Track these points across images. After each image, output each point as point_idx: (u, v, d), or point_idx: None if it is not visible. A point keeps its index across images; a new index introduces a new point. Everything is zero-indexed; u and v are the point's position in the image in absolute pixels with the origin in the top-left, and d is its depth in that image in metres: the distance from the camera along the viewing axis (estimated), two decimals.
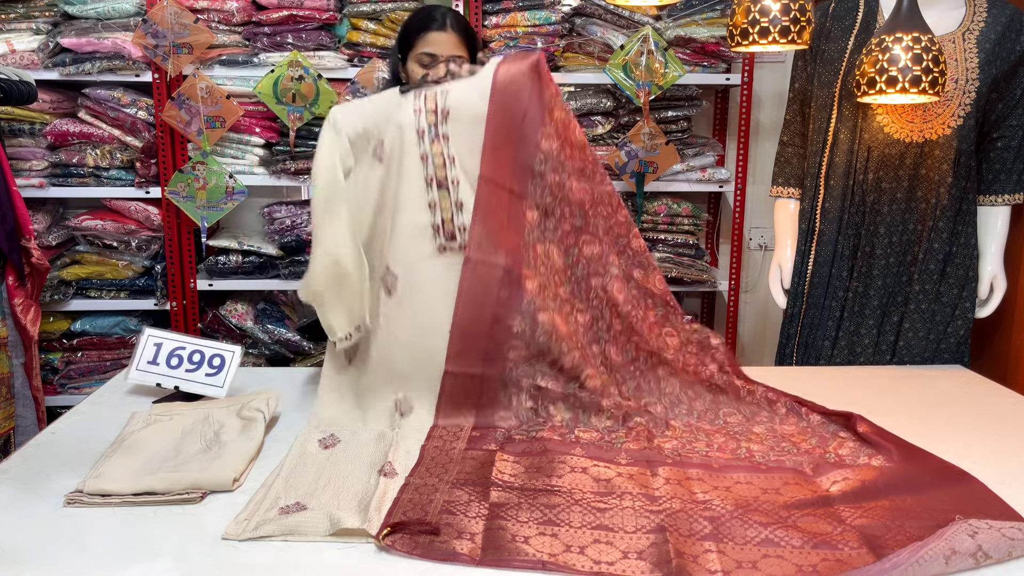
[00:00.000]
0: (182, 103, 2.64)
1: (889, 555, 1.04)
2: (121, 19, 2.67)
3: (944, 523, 1.10)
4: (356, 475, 1.30)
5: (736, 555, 1.09)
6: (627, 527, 1.15)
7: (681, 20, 2.71)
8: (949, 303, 2.05)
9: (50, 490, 1.26)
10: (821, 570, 1.05)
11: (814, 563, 1.06)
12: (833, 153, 2.09)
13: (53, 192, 2.74)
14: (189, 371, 1.63)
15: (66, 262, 2.81)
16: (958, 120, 1.96)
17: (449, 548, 1.09)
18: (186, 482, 1.24)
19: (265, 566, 1.06)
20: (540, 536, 1.12)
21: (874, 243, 2.06)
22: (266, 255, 2.81)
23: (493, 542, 1.10)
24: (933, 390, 1.80)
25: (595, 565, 1.06)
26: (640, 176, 2.75)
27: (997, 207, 2.07)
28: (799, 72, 2.20)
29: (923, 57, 1.73)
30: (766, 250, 3.19)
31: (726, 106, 3.05)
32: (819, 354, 2.15)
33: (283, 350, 2.86)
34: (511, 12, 2.70)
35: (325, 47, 2.71)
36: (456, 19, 1.81)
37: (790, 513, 1.19)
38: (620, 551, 1.09)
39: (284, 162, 2.73)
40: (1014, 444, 1.48)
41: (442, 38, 1.78)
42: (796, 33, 1.71)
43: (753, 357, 3.31)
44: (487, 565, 1.06)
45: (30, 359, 2.49)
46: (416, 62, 1.79)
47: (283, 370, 2.25)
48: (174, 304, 2.83)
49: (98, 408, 1.62)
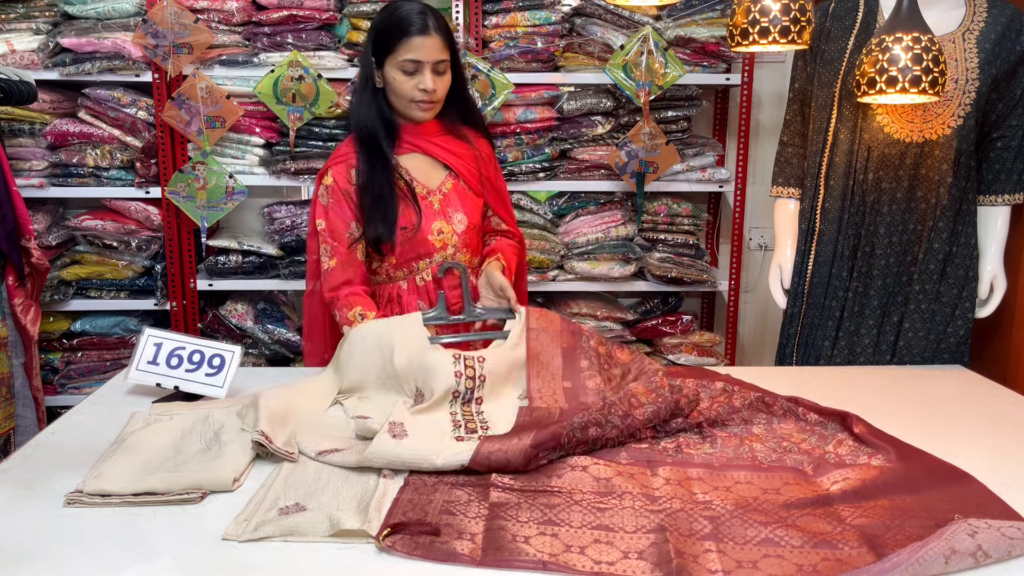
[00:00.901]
0: (182, 103, 2.64)
1: (889, 555, 1.04)
2: (121, 19, 2.67)
3: (944, 523, 1.10)
4: (356, 476, 1.30)
5: (736, 555, 1.08)
6: (627, 527, 1.15)
7: (681, 20, 2.71)
8: (949, 303, 2.05)
9: (50, 490, 1.26)
10: (821, 569, 1.05)
11: (814, 563, 1.06)
12: (833, 153, 2.09)
13: (53, 192, 2.74)
14: (189, 371, 1.63)
15: (66, 262, 2.81)
16: (958, 120, 1.96)
17: (449, 548, 1.09)
18: (186, 482, 1.24)
19: (265, 566, 1.06)
20: (540, 536, 1.12)
21: (874, 243, 2.06)
22: (266, 255, 2.81)
23: (493, 542, 1.10)
24: (933, 390, 1.80)
25: (595, 565, 1.06)
26: (640, 176, 2.75)
27: (997, 207, 2.07)
28: (799, 72, 2.20)
29: (923, 57, 1.73)
30: (766, 250, 3.20)
31: (726, 106, 3.05)
32: (819, 354, 2.15)
33: (283, 350, 2.86)
34: (511, 12, 2.70)
35: (325, 47, 2.71)
36: (437, 20, 1.74)
37: (790, 513, 1.19)
38: (620, 551, 1.09)
39: (284, 162, 2.73)
40: (1014, 444, 1.48)
41: (427, 43, 1.70)
42: (796, 33, 1.71)
43: (753, 357, 3.31)
44: (488, 566, 1.06)
45: (30, 359, 2.49)
46: (399, 70, 1.72)
47: (283, 370, 2.25)
48: (174, 304, 2.83)
49: (98, 408, 1.62)
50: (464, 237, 1.87)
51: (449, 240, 1.85)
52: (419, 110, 1.77)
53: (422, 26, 1.70)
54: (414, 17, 1.71)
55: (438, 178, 1.86)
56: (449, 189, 1.86)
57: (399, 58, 1.71)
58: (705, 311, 3.20)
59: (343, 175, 1.80)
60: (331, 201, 1.80)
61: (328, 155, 2.71)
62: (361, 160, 1.78)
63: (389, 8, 1.76)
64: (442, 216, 1.84)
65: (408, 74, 1.72)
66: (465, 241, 1.88)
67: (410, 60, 1.71)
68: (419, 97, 1.74)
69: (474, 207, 1.89)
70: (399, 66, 1.72)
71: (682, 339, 2.92)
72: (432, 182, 1.85)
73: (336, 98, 2.66)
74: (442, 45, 1.73)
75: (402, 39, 1.70)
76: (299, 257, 2.79)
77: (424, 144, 1.83)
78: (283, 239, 2.79)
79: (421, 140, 1.83)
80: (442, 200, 1.85)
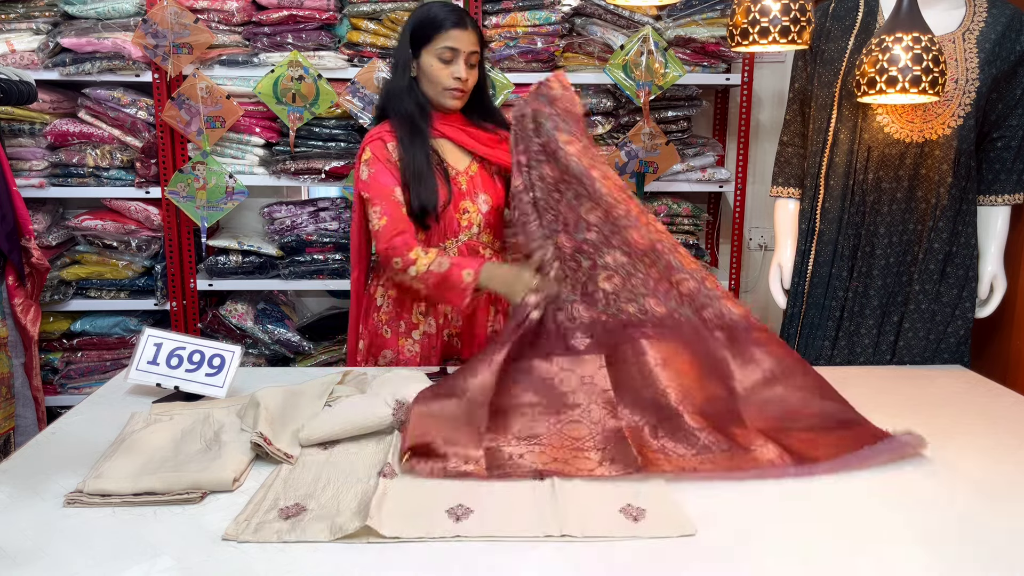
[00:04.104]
0: (182, 103, 2.64)
1: (805, 463, 1.33)
2: (121, 19, 2.67)
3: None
4: (356, 476, 1.30)
5: (682, 464, 1.35)
6: (596, 440, 1.40)
7: (681, 20, 2.71)
8: (949, 303, 2.05)
9: (50, 490, 1.26)
10: (744, 467, 1.33)
11: (740, 464, 1.34)
12: (833, 153, 2.09)
13: (53, 192, 2.74)
14: (189, 371, 1.63)
15: (66, 262, 2.81)
16: (958, 120, 1.96)
17: (460, 469, 1.32)
18: (186, 482, 1.24)
19: (265, 566, 1.06)
20: (530, 453, 1.38)
21: (874, 243, 2.06)
22: (266, 255, 2.81)
23: (494, 461, 1.35)
24: (933, 390, 1.80)
25: (578, 472, 1.32)
26: (640, 176, 2.75)
27: (997, 207, 2.07)
28: (799, 72, 2.20)
29: (923, 57, 1.73)
30: (766, 250, 3.20)
31: (726, 106, 3.05)
32: (819, 354, 2.15)
33: (283, 350, 2.86)
34: (511, 12, 2.70)
35: (325, 47, 2.71)
36: (471, 18, 1.88)
37: (714, 411, 1.45)
38: (596, 462, 1.35)
39: (284, 162, 2.73)
40: (1014, 444, 1.48)
41: (463, 35, 1.83)
42: (796, 33, 1.71)
43: None
44: (495, 478, 1.30)
45: (30, 359, 2.49)
46: (436, 57, 1.84)
47: (283, 370, 2.26)
48: (174, 304, 2.83)
49: (98, 408, 1.62)
50: (487, 218, 1.94)
51: (474, 220, 1.92)
52: (451, 98, 1.87)
53: (459, 19, 1.84)
54: (454, 11, 1.85)
55: (464, 162, 1.94)
56: (475, 172, 1.95)
57: (437, 46, 1.83)
58: None
59: (381, 149, 1.88)
60: (374, 170, 1.86)
61: (328, 155, 2.73)
62: (403, 135, 1.88)
63: (426, 6, 1.90)
64: (469, 196, 1.92)
65: (445, 62, 1.83)
66: (488, 222, 1.94)
67: (448, 48, 1.82)
68: (452, 85, 1.85)
69: (497, 191, 1.96)
70: (437, 54, 1.83)
71: None
72: (460, 165, 1.94)
73: (336, 98, 2.66)
74: (476, 39, 1.86)
75: (441, 30, 1.83)
76: (299, 257, 2.80)
77: (450, 131, 1.92)
78: (283, 239, 2.79)
79: (448, 128, 1.92)
80: (469, 181, 1.93)
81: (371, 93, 2.66)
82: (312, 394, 1.61)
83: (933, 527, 1.18)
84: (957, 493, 1.28)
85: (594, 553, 1.10)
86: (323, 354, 2.88)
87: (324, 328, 2.95)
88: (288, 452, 1.37)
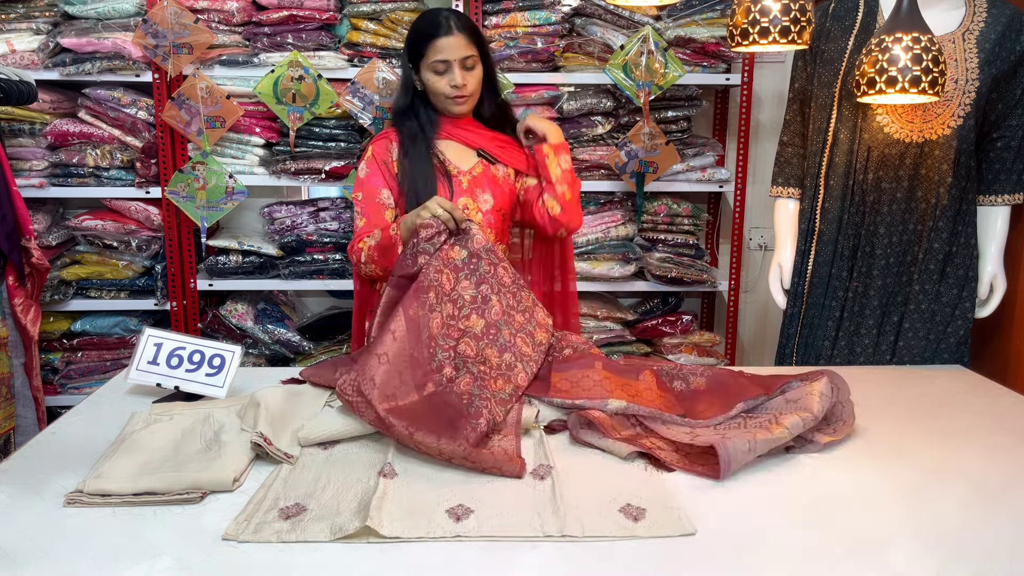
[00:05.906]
0: (182, 103, 2.64)
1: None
2: (121, 19, 2.67)
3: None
4: (356, 476, 1.30)
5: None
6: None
7: (681, 20, 2.71)
8: (949, 303, 2.05)
9: (50, 490, 1.26)
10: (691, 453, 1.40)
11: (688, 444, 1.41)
12: (833, 153, 2.09)
13: (53, 192, 2.74)
14: (189, 371, 1.63)
15: (66, 262, 2.81)
16: (958, 120, 1.96)
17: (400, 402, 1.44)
18: (186, 482, 1.24)
19: (265, 566, 1.06)
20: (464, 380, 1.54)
21: (874, 243, 2.06)
22: (266, 255, 2.81)
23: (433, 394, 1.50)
24: (933, 390, 1.80)
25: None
26: (640, 176, 2.75)
27: (997, 207, 2.07)
28: (799, 72, 2.20)
29: (923, 57, 1.73)
30: (766, 250, 3.20)
31: (726, 106, 3.05)
32: (819, 354, 2.15)
33: (283, 350, 2.86)
34: (511, 12, 2.70)
35: (325, 47, 2.71)
36: (459, 20, 1.86)
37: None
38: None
39: (284, 162, 2.73)
40: (1014, 444, 1.48)
41: (451, 42, 1.83)
42: (796, 33, 1.71)
43: (753, 357, 3.31)
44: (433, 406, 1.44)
45: (30, 359, 2.49)
46: (431, 71, 1.87)
47: (283, 370, 2.25)
48: (174, 304, 2.83)
49: (98, 408, 1.62)
50: (488, 216, 1.94)
51: (473, 216, 1.92)
52: (455, 105, 1.91)
53: (446, 28, 1.84)
54: (438, 20, 1.85)
55: (469, 162, 1.96)
56: (479, 173, 1.96)
57: (430, 59, 1.86)
58: (705, 311, 3.20)
59: (383, 148, 1.94)
60: (369, 170, 1.93)
61: (328, 155, 2.73)
62: (405, 137, 1.93)
63: (417, 19, 1.93)
64: (468, 194, 1.93)
65: (439, 74, 1.86)
66: (489, 221, 1.94)
67: (439, 61, 1.85)
68: (452, 93, 1.88)
69: (502, 193, 1.97)
70: (431, 68, 1.87)
71: (682, 339, 2.92)
72: (463, 165, 1.96)
73: (336, 98, 2.66)
74: (466, 42, 1.85)
75: (429, 43, 1.85)
76: (299, 257, 2.80)
77: (458, 132, 1.95)
78: (283, 239, 2.79)
79: (456, 129, 1.96)
80: (471, 180, 1.94)
81: (371, 93, 2.66)
82: (312, 394, 1.61)
83: (933, 527, 1.18)
84: (957, 493, 1.28)
85: (594, 553, 1.10)
86: (323, 354, 2.88)
87: (324, 328, 2.95)
88: (288, 452, 1.37)
